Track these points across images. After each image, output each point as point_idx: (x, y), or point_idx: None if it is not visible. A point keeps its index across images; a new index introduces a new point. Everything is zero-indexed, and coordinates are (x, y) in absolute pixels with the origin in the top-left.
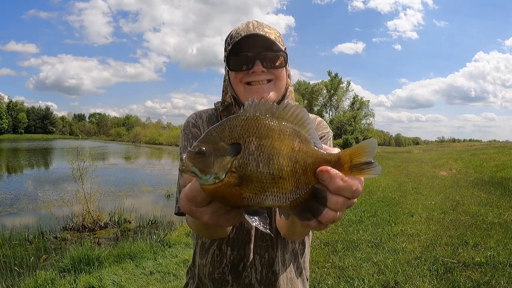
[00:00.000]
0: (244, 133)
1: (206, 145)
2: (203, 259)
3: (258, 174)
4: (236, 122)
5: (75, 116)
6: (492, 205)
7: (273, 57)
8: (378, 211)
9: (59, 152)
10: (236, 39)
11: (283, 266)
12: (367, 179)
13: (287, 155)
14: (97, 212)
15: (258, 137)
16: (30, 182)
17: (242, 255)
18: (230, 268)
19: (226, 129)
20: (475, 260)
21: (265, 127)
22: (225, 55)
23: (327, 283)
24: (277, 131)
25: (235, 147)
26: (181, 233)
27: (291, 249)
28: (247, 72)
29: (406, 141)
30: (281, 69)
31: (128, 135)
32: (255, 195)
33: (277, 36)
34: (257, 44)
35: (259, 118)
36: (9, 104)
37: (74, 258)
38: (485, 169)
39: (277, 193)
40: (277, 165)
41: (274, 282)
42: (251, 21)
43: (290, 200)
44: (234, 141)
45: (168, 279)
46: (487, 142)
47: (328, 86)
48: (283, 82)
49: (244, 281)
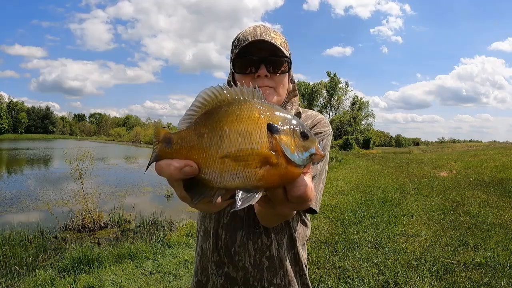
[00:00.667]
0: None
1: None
2: (206, 242)
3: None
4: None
5: (75, 116)
6: (492, 206)
7: (277, 62)
8: (378, 211)
9: (59, 152)
10: (243, 44)
11: (278, 252)
12: (367, 180)
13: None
14: (97, 212)
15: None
16: (30, 181)
17: (234, 240)
18: (224, 251)
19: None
20: (475, 261)
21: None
22: (231, 57)
23: (327, 284)
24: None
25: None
26: (181, 233)
27: (286, 236)
28: (252, 75)
29: (406, 142)
30: (284, 75)
31: (128, 135)
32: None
33: (282, 42)
34: (263, 49)
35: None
36: (9, 104)
37: (74, 258)
38: (485, 170)
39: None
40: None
41: (268, 267)
42: (258, 26)
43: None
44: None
45: (168, 279)
46: (487, 143)
47: (327, 86)
48: (285, 88)
49: (239, 264)
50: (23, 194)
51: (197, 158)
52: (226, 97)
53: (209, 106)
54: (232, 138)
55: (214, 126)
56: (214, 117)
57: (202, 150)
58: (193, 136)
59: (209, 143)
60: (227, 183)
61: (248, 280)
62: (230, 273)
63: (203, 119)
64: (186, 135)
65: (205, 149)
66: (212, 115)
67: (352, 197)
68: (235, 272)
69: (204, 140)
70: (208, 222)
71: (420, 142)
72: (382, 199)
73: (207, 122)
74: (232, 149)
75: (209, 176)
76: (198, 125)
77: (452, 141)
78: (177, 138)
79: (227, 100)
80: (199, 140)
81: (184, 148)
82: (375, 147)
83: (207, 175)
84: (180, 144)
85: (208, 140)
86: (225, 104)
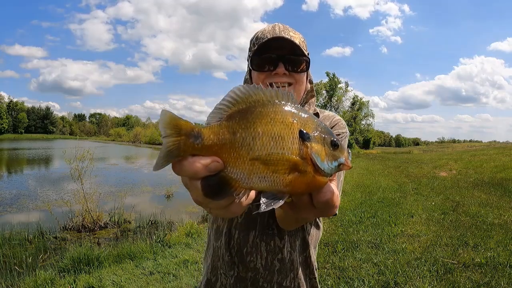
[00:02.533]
0: None
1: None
2: (218, 241)
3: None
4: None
5: (75, 116)
6: (492, 206)
7: (295, 61)
8: (378, 211)
9: (59, 152)
10: (262, 41)
11: (290, 255)
12: (367, 179)
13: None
14: (97, 212)
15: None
16: (30, 181)
17: (246, 240)
18: (236, 250)
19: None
20: (475, 261)
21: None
22: (249, 55)
23: (327, 284)
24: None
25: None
26: (181, 233)
27: (299, 239)
28: (270, 73)
29: (406, 142)
30: (303, 74)
31: (128, 135)
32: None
33: (301, 41)
34: (281, 47)
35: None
36: (9, 104)
37: (74, 258)
38: (485, 170)
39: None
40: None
41: (279, 269)
42: (277, 24)
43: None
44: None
45: (168, 279)
46: (487, 143)
47: (327, 87)
48: (303, 87)
49: (250, 265)
50: (23, 194)
51: (226, 157)
52: (261, 97)
53: (242, 104)
54: (265, 141)
55: (247, 126)
56: (248, 116)
57: (233, 149)
58: (226, 133)
59: (241, 142)
60: (253, 184)
61: (257, 281)
62: (240, 274)
63: (237, 117)
64: (219, 131)
65: (237, 148)
66: (246, 114)
67: (352, 197)
68: (245, 273)
69: (236, 138)
70: (221, 221)
71: (420, 142)
72: (382, 199)
73: (241, 120)
74: (263, 152)
75: (237, 175)
76: (231, 122)
77: (452, 141)
78: (210, 133)
79: (261, 100)
80: (231, 138)
81: (216, 144)
82: (375, 147)
83: (234, 174)
84: (212, 140)
85: (241, 140)
86: (260, 104)
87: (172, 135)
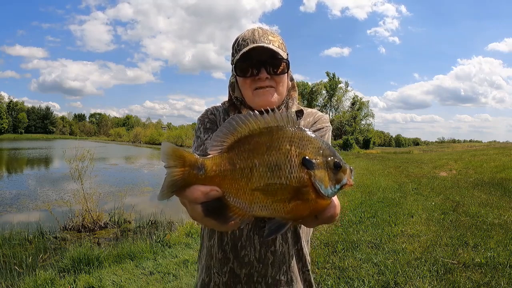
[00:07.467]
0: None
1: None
2: (211, 240)
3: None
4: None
5: (75, 116)
6: (492, 206)
7: (276, 64)
8: (378, 211)
9: (59, 152)
10: (243, 49)
11: (282, 247)
12: (367, 180)
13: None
14: (97, 212)
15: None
16: (30, 181)
17: (240, 234)
18: (230, 246)
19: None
20: (475, 261)
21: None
22: (233, 60)
23: (327, 284)
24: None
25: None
26: (181, 233)
27: (291, 231)
28: (254, 78)
29: (406, 142)
30: (284, 75)
31: (128, 135)
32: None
33: (280, 43)
34: (261, 53)
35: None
36: (9, 104)
37: (73, 258)
38: (485, 170)
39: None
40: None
41: (273, 262)
42: (257, 29)
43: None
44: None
45: (168, 279)
46: (487, 143)
47: (327, 87)
48: (285, 86)
49: (244, 259)
50: (23, 194)
51: (228, 187)
52: (258, 125)
53: (242, 132)
54: (262, 172)
55: (245, 157)
56: (245, 147)
57: (234, 180)
58: (226, 165)
59: (241, 174)
60: (255, 212)
61: (252, 276)
62: (235, 270)
63: (236, 148)
64: (220, 162)
65: (237, 180)
66: (244, 144)
67: (352, 197)
68: (239, 269)
69: (236, 170)
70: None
71: (420, 142)
72: (382, 199)
73: (239, 152)
74: (262, 183)
75: (239, 204)
76: (230, 154)
77: (452, 141)
78: (212, 164)
79: (259, 129)
80: (232, 169)
81: (218, 176)
82: (375, 147)
83: (236, 203)
84: (214, 172)
85: (240, 172)
86: (257, 134)
87: (177, 166)
